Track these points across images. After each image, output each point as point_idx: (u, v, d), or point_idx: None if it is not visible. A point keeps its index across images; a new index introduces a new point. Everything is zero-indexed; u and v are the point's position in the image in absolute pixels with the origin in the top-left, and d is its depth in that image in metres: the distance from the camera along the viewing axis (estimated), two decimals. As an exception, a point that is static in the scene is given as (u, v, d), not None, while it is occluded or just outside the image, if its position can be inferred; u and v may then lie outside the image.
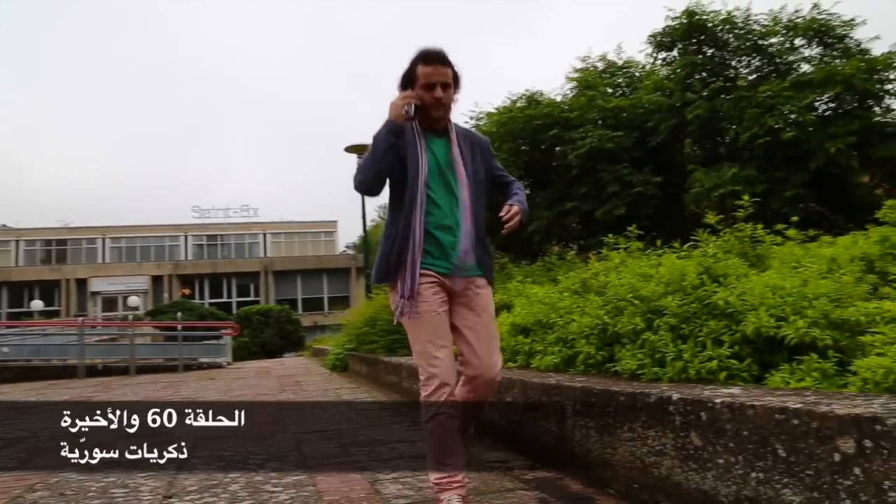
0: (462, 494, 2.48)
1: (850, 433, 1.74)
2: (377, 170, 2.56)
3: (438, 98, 2.59)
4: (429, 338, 2.56)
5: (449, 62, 2.61)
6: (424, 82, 2.58)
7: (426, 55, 2.60)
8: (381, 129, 2.56)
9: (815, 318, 2.59)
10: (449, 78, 2.61)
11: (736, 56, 13.16)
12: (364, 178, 2.59)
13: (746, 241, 3.66)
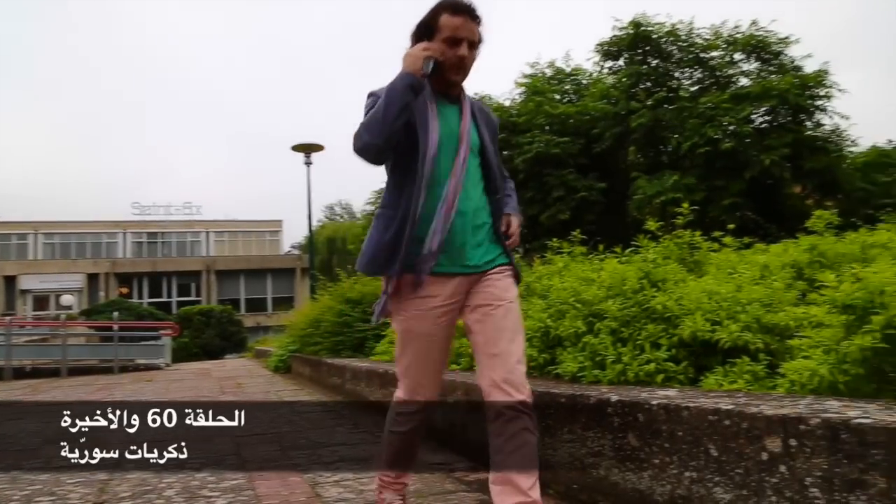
0: (403, 495, 2.46)
1: (777, 433, 1.81)
2: (390, 131, 2.05)
3: (462, 57, 2.15)
4: (416, 357, 2.27)
5: (479, 18, 2.19)
6: (449, 35, 2.14)
7: (455, 4, 2.15)
8: (398, 81, 2.07)
9: (747, 322, 2.68)
10: (476, 36, 2.19)
11: (679, 68, 13.56)
12: (372, 139, 2.05)
13: (685, 247, 3.77)
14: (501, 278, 2.25)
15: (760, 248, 4.46)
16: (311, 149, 17.71)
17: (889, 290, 2.13)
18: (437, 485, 3.07)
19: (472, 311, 2.22)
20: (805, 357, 2.35)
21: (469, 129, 2.24)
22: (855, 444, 1.63)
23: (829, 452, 1.69)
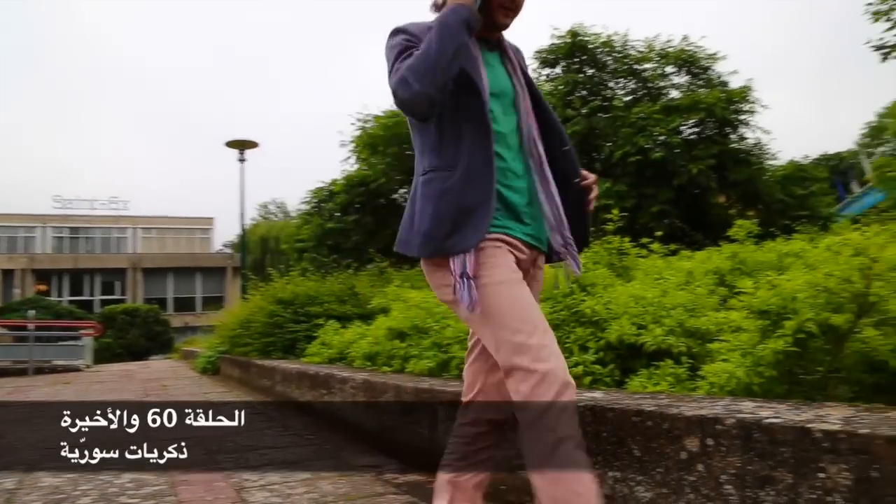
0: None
1: (695, 433, 1.87)
2: (445, 78, 1.63)
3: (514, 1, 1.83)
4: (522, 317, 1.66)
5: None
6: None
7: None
8: (451, 15, 1.67)
9: (671, 326, 2.77)
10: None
11: (614, 78, 13.92)
12: (423, 87, 1.61)
13: (614, 252, 3.86)
14: (540, 272, 1.97)
15: (686, 254, 4.63)
16: (245, 145, 17.32)
17: (800, 297, 2.24)
18: (366, 487, 3.05)
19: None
20: (724, 360, 2.44)
21: (521, 76, 1.91)
22: (766, 443, 1.70)
23: (743, 451, 1.76)
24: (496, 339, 1.67)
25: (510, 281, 1.70)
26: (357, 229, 13.91)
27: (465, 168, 1.71)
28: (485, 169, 1.71)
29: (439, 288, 1.81)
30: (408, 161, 13.87)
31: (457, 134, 1.75)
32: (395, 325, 4.53)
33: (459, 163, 1.72)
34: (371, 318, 6.14)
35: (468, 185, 1.70)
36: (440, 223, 1.70)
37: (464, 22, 1.66)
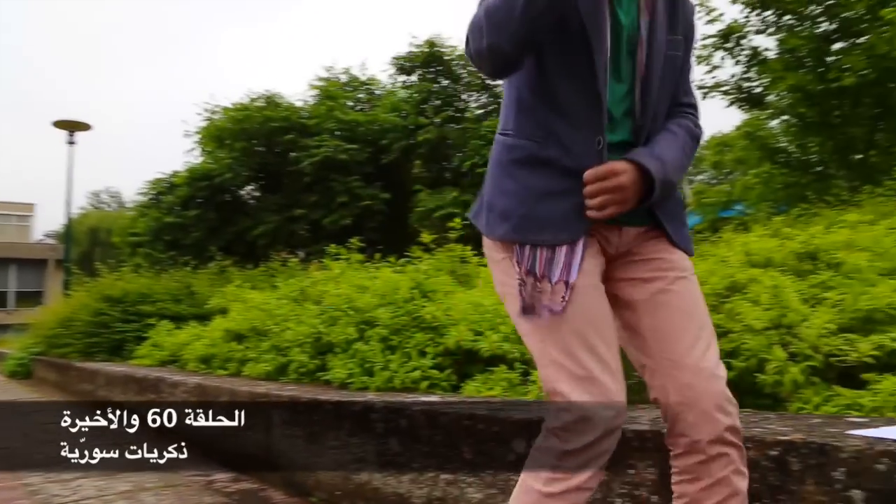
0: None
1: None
2: (529, 32, 1.22)
3: None
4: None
5: None
6: None
7: None
8: None
9: (507, 333, 2.89)
10: None
11: (467, 90, 14.36)
12: (498, 39, 1.22)
13: (456, 260, 3.98)
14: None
15: (523, 264, 4.84)
16: (75, 127, 15.79)
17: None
18: (193, 498, 2.90)
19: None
20: (551, 366, 2.58)
21: (654, 21, 1.33)
22: (582, 445, 1.83)
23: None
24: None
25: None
26: (198, 225, 13.23)
27: (560, 152, 1.28)
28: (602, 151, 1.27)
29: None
30: (256, 157, 13.43)
31: (547, 101, 1.31)
32: (233, 326, 4.36)
33: (554, 141, 1.29)
34: (208, 318, 5.86)
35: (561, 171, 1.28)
36: (533, 208, 1.30)
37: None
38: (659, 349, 1.28)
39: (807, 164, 10.09)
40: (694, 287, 1.34)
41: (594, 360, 1.21)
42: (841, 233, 2.97)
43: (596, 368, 1.21)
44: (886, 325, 2.14)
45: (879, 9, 8.04)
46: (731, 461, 1.23)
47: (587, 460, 1.20)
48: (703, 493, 1.24)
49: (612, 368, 1.22)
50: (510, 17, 1.19)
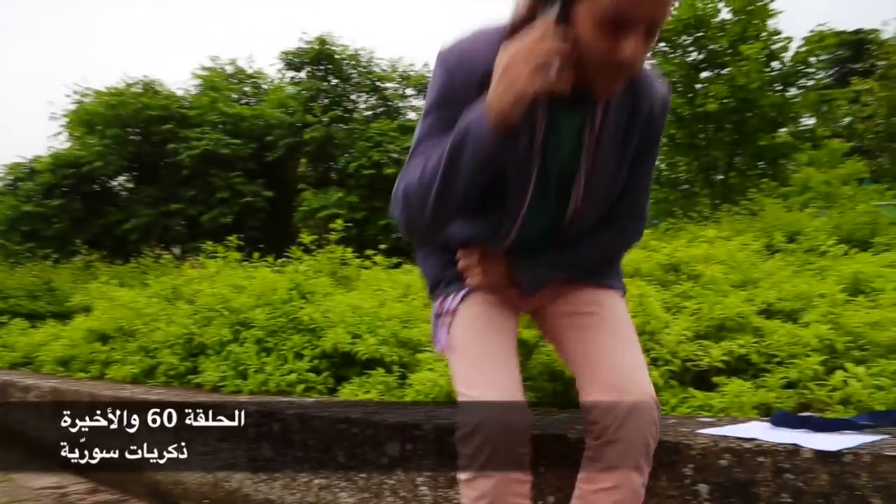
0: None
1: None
2: (451, 210, 1.26)
3: (626, 60, 1.14)
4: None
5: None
6: (612, 12, 1.10)
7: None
8: (482, 126, 1.15)
9: (385, 336, 2.89)
10: (666, 8, 1.15)
11: (357, 91, 14.27)
12: (417, 213, 1.27)
13: (337, 261, 3.93)
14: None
15: (408, 268, 4.87)
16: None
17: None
18: (41, 511, 2.67)
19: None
20: (430, 369, 2.61)
21: (593, 150, 1.32)
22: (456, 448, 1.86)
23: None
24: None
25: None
26: (61, 216, 12.29)
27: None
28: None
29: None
30: (130, 146, 12.66)
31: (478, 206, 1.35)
32: (96, 325, 4.07)
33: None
34: (69, 317, 5.45)
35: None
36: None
37: (484, 159, 1.18)
38: (589, 370, 1.40)
39: (676, 181, 10.84)
40: (610, 315, 1.48)
41: (483, 378, 1.33)
42: (701, 247, 3.20)
43: (482, 385, 1.32)
44: (736, 333, 2.33)
45: (740, 45, 8.79)
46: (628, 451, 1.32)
47: (485, 462, 1.25)
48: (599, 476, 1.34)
49: (496, 385, 1.32)
50: (436, 194, 1.22)
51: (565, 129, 1.31)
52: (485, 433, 1.24)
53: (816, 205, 9.26)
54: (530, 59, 1.10)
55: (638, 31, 1.12)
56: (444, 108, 1.27)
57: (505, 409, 1.27)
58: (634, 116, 1.33)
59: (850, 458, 1.41)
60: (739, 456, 1.50)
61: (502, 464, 1.24)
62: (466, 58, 1.25)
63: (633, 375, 1.36)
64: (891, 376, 1.91)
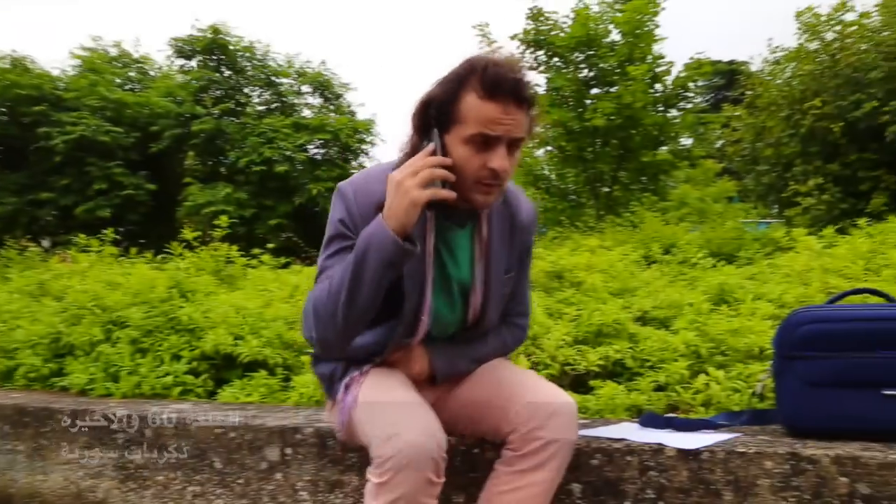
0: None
1: (276, 443, 1.93)
2: (354, 326, 1.40)
3: (497, 171, 1.36)
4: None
5: (530, 98, 1.37)
6: (478, 132, 1.34)
7: (490, 80, 1.32)
8: (369, 251, 1.32)
9: (269, 338, 2.82)
10: (524, 129, 1.38)
11: (250, 85, 13.83)
12: (325, 335, 1.40)
13: (221, 260, 3.79)
14: None
15: (297, 269, 4.78)
16: None
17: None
18: None
19: None
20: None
21: (482, 268, 1.53)
22: (338, 450, 1.84)
23: (318, 458, 1.88)
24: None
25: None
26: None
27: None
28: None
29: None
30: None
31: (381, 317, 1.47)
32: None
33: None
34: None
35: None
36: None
37: (386, 264, 1.32)
38: (506, 392, 1.50)
39: (564, 192, 11.25)
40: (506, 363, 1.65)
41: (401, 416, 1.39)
42: (583, 255, 3.34)
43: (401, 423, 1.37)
44: (613, 338, 2.45)
45: (628, 65, 9.27)
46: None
47: (403, 466, 1.31)
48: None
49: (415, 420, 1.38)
50: (334, 316, 1.35)
51: (459, 245, 1.52)
52: (407, 452, 1.29)
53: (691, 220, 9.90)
54: (418, 175, 1.30)
55: (501, 147, 1.35)
56: (344, 235, 1.44)
57: (425, 427, 1.35)
58: (513, 222, 1.57)
59: (706, 456, 1.51)
60: (610, 455, 1.58)
61: (417, 474, 1.29)
62: (363, 188, 1.44)
63: (551, 388, 1.48)
64: (745, 380, 2.07)
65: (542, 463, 1.39)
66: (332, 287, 1.36)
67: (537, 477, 1.39)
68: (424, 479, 1.30)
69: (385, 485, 1.30)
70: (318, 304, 1.38)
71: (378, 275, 1.32)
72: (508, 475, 1.42)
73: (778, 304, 2.72)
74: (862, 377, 1.51)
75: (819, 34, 6.62)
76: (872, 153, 5.71)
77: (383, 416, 1.39)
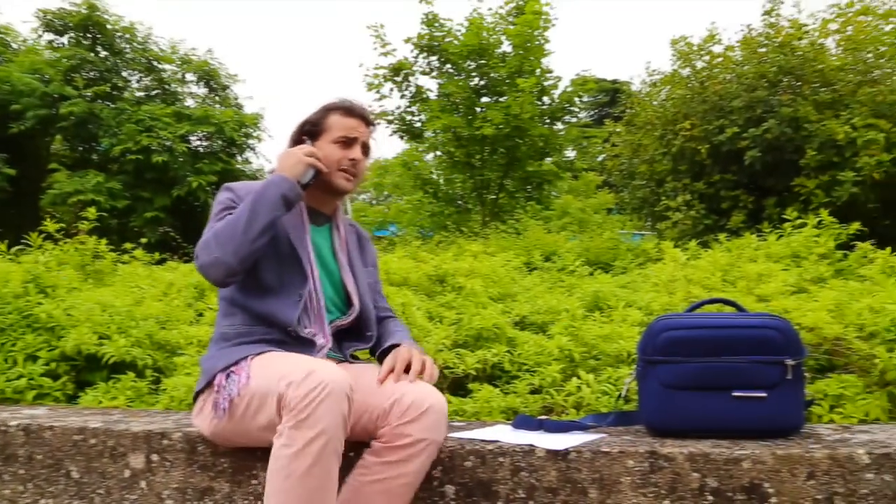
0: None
1: (141, 449, 1.83)
2: (249, 250, 1.62)
3: (355, 161, 1.82)
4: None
5: (373, 124, 1.91)
6: (342, 136, 1.81)
7: (348, 107, 1.86)
8: (270, 188, 1.66)
9: (139, 337, 2.67)
10: (370, 143, 1.90)
11: (129, 68, 13.04)
12: (224, 255, 1.61)
13: (88, 254, 3.55)
14: None
15: (173, 266, 4.55)
16: None
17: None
18: None
19: None
20: (187, 374, 2.46)
21: (346, 255, 1.89)
22: (208, 455, 1.77)
23: (187, 464, 1.79)
24: None
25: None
26: None
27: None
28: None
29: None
30: None
31: (255, 302, 1.73)
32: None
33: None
34: None
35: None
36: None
37: (282, 197, 1.66)
38: (379, 392, 1.59)
39: (452, 197, 11.40)
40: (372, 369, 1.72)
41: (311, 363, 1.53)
42: (466, 260, 3.40)
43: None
44: (492, 342, 2.51)
45: (517, 77, 9.55)
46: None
47: (324, 398, 1.41)
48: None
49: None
50: (237, 237, 1.60)
51: (321, 238, 1.86)
52: (327, 381, 1.40)
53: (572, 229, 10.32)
54: (300, 150, 1.74)
55: (357, 146, 1.83)
56: (230, 209, 1.71)
57: (337, 369, 1.48)
58: (359, 236, 1.99)
59: (574, 456, 1.58)
60: (483, 457, 1.62)
61: (337, 405, 1.40)
62: (244, 184, 1.81)
63: (424, 386, 1.58)
64: (614, 383, 2.19)
65: (409, 458, 1.49)
66: (230, 218, 1.64)
67: (403, 469, 1.50)
68: (342, 416, 1.41)
69: (306, 420, 1.38)
70: (218, 231, 1.63)
71: (274, 206, 1.63)
72: (376, 465, 1.51)
73: (646, 311, 2.89)
74: (714, 380, 1.63)
75: (691, 62, 7.09)
76: (733, 174, 6.17)
77: (295, 363, 1.50)
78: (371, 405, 1.55)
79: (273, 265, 1.72)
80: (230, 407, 1.58)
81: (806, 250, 3.43)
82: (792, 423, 1.65)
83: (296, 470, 1.38)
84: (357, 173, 1.83)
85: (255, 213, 1.62)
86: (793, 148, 5.79)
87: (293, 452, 1.38)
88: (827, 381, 2.01)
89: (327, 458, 1.39)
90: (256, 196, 1.64)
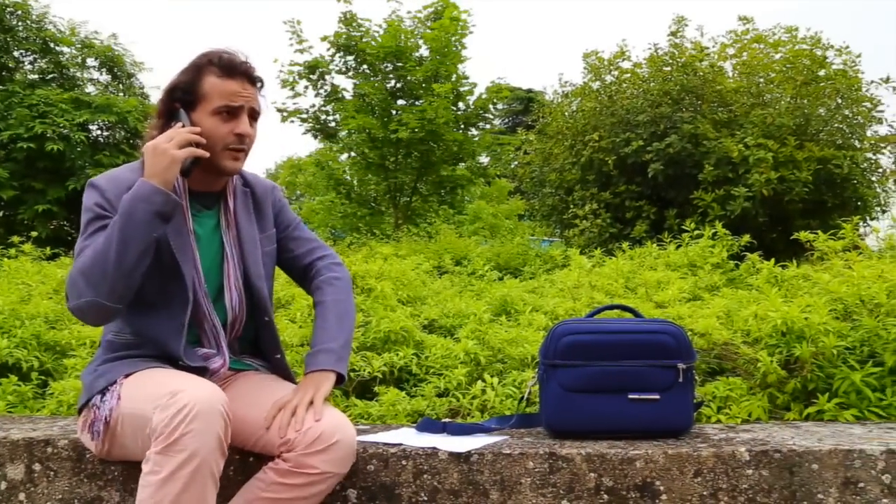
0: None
1: (21, 458, 1.72)
2: (128, 284, 1.43)
3: (242, 136, 1.56)
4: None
5: (260, 80, 1.61)
6: (223, 105, 1.53)
7: (226, 62, 1.54)
8: (139, 204, 1.40)
9: (25, 338, 2.51)
10: (259, 103, 1.61)
11: (21, 48, 12.22)
12: (96, 295, 1.40)
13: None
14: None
15: (65, 262, 4.32)
16: None
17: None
18: None
19: None
20: (78, 377, 2.33)
21: (233, 245, 1.65)
22: (97, 463, 1.68)
23: (73, 473, 1.70)
24: None
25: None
26: None
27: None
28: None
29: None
30: None
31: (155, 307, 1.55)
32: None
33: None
34: None
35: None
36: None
37: (155, 214, 1.41)
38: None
39: (365, 199, 11.33)
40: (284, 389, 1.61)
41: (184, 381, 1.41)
42: (377, 263, 3.39)
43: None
44: (400, 345, 2.51)
45: (433, 82, 9.61)
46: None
47: (194, 418, 1.30)
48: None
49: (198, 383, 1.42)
50: (109, 272, 1.38)
51: (202, 225, 1.62)
52: (194, 402, 1.30)
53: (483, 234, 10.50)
54: (173, 140, 1.45)
55: (243, 116, 1.55)
56: (101, 216, 1.48)
57: (210, 387, 1.38)
58: (254, 197, 1.71)
59: (476, 458, 1.61)
60: (385, 461, 1.61)
61: (207, 426, 1.30)
62: (113, 179, 1.54)
63: (337, 417, 1.48)
64: (518, 386, 2.23)
65: (311, 484, 1.41)
66: (98, 248, 1.40)
67: (301, 493, 1.41)
68: (216, 437, 1.31)
69: (174, 445, 1.28)
70: (85, 268, 1.40)
71: (148, 227, 1.40)
72: (276, 485, 1.42)
73: (552, 316, 2.96)
74: (611, 383, 1.69)
75: (601, 76, 7.37)
76: (637, 186, 6.45)
77: (163, 384, 1.38)
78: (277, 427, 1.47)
79: (155, 277, 1.50)
80: (105, 429, 1.48)
81: (701, 260, 3.62)
82: (683, 424, 1.73)
83: (165, 497, 1.27)
84: (246, 149, 1.59)
85: (126, 242, 1.38)
86: (692, 163, 6.11)
87: (161, 479, 1.28)
88: (716, 384, 2.13)
89: (200, 482, 1.29)
90: (124, 219, 1.39)
